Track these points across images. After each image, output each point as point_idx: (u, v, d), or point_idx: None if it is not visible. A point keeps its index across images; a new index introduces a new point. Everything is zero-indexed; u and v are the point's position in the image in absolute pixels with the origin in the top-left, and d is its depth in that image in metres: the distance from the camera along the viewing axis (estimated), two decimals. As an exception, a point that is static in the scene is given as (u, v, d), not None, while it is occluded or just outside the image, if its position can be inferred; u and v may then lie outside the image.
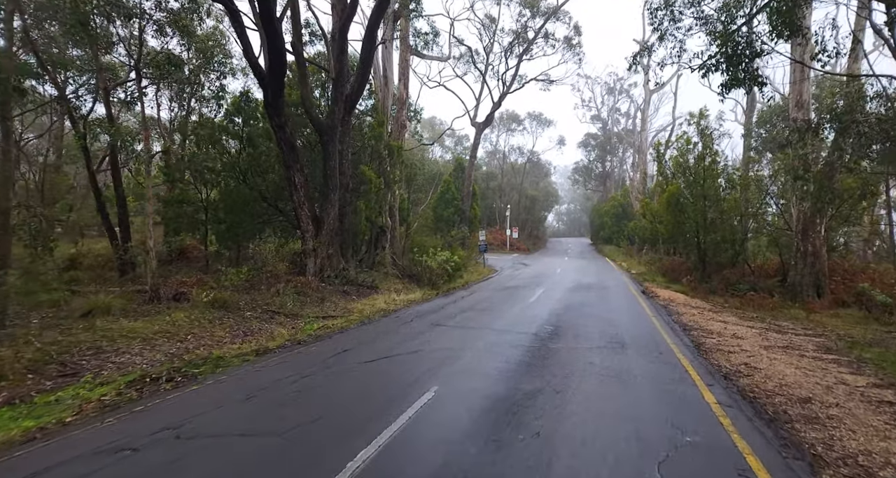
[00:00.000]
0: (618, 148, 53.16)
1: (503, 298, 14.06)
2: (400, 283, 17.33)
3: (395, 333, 8.74)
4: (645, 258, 28.31)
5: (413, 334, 8.58)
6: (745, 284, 17.20)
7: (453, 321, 9.96)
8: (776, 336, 10.45)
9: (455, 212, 26.22)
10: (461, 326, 9.30)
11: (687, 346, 8.35)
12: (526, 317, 10.41)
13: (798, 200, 16.80)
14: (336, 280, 14.66)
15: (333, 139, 14.41)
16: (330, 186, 14.65)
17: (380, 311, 11.73)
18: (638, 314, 11.80)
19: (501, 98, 27.14)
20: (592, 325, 9.79)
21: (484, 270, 23.72)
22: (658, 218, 21.22)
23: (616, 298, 14.65)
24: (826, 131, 12.50)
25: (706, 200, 18.90)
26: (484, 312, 11.12)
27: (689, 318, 12.18)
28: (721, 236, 18.18)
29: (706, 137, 19.28)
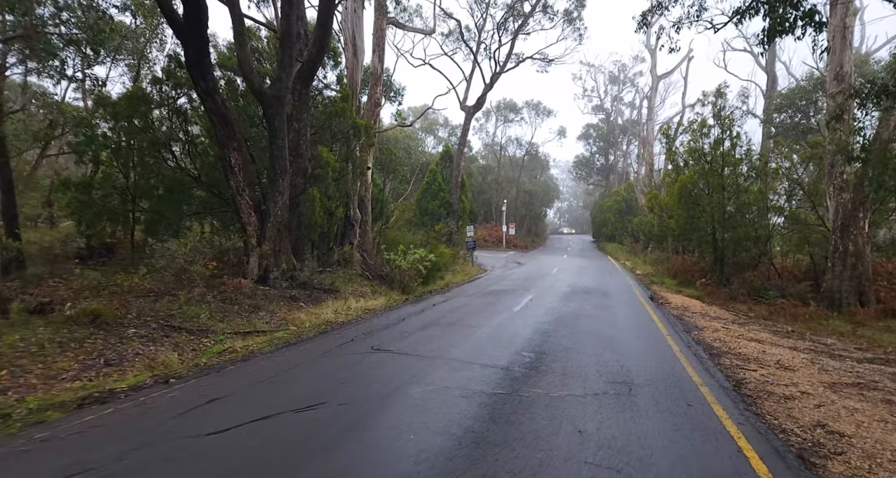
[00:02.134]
0: (621, 140, 50.41)
1: (482, 306, 11.56)
2: (368, 285, 14.86)
3: (314, 365, 6.26)
4: (651, 257, 25.76)
5: (337, 367, 6.10)
6: (773, 289, 14.65)
7: (403, 343, 7.47)
8: (833, 364, 7.93)
9: (441, 205, 23.71)
10: (409, 352, 6.81)
11: (724, 388, 5.83)
12: (502, 337, 7.91)
13: (836, 190, 14.23)
14: (284, 283, 12.19)
15: (280, 112, 11.91)
16: (277, 170, 12.17)
17: (323, 324, 9.29)
18: (647, 331, 9.29)
19: (494, 78, 24.52)
20: (588, 350, 7.28)
21: (472, 269, 21.23)
22: (668, 212, 18.67)
23: (619, 307, 12.13)
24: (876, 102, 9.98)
25: (725, 191, 16.36)
26: (449, 329, 8.62)
27: (713, 334, 9.67)
28: (742, 233, 15.63)
29: (724, 119, 16.69)
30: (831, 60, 14.44)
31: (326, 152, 13.16)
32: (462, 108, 24.81)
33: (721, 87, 16.80)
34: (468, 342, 7.48)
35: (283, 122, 12.06)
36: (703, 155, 16.93)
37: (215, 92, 10.62)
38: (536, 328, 8.67)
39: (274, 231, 12.20)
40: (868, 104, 9.10)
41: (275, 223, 12.19)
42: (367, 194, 17.32)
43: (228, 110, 11.26)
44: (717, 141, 16.87)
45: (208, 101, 10.65)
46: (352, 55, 16.25)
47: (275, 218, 12.17)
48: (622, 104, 49.68)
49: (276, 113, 11.86)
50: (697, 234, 16.70)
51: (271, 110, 11.87)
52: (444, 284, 16.39)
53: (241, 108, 12.92)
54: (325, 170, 12.90)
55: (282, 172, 12.23)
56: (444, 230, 22.43)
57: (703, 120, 17.09)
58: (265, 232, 12.16)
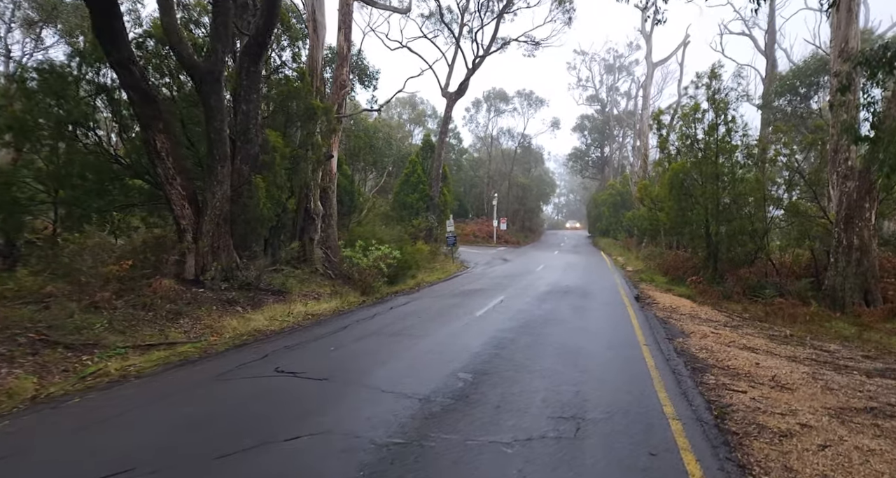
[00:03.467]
0: (617, 132, 48.93)
1: (443, 310, 10.30)
2: (329, 285, 13.58)
3: (185, 396, 4.99)
4: (644, 253, 24.47)
5: (210, 399, 4.84)
6: (770, 287, 13.37)
7: (322, 362, 6.22)
8: (839, 380, 6.66)
9: (421, 198, 22.36)
10: (320, 375, 5.53)
11: (702, 423, 4.56)
12: (445, 352, 6.64)
13: (840, 178, 12.92)
14: (222, 284, 10.90)
15: (217, 90, 10.58)
16: (216, 156, 10.87)
17: (248, 334, 8.05)
18: (623, 339, 8.01)
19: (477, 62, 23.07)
20: (544, 368, 6.01)
21: (451, 266, 19.95)
22: (659, 204, 17.36)
23: (598, 310, 10.86)
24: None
25: (719, 180, 15.04)
26: (388, 341, 7.37)
27: (700, 342, 8.41)
28: (737, 226, 14.34)
29: (719, 103, 15.34)
30: (835, 36, 13.08)
31: (275, 137, 11.84)
32: (444, 94, 23.43)
33: (715, 67, 15.45)
34: (400, 360, 6.21)
35: (221, 101, 10.74)
36: (695, 141, 15.61)
37: (131, 63, 9.29)
38: (491, 339, 7.39)
39: (212, 225, 10.90)
40: (879, 74, 7.79)
41: (213, 216, 10.89)
42: (331, 185, 16.00)
43: (150, 86, 9.96)
44: (711, 126, 15.53)
45: (124, 75, 9.32)
46: (312, 32, 14.89)
47: (213, 210, 10.87)
48: (618, 94, 48.28)
49: (211, 90, 10.52)
50: (689, 227, 15.41)
51: (206, 87, 10.52)
52: (415, 283, 15.13)
53: (179, 84, 11.61)
54: (271, 156, 11.57)
55: (221, 159, 10.92)
56: (423, 225, 21.10)
57: (695, 104, 15.74)
58: (201, 226, 10.89)
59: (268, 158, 11.65)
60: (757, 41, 28.07)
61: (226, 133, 10.97)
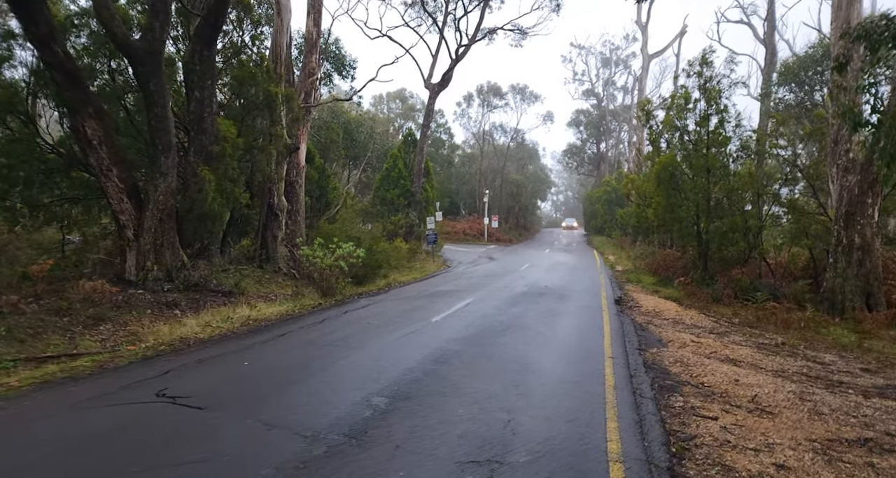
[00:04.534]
0: (614, 128, 47.82)
1: (400, 314, 9.42)
2: (291, 286, 12.72)
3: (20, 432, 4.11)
4: (635, 251, 23.52)
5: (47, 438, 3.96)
6: (764, 289, 12.43)
7: (227, 382, 5.35)
8: (830, 401, 5.74)
9: (402, 194, 21.40)
10: (212, 402, 4.64)
11: (651, 467, 3.64)
12: (374, 368, 5.75)
13: (840, 171, 11.96)
14: (166, 284, 10.05)
15: (156, 73, 9.68)
16: (159, 146, 10.01)
17: (170, 343, 7.20)
18: (587, 351, 7.09)
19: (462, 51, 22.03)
20: (478, 391, 5.11)
21: (431, 266, 19.06)
22: (647, 200, 16.41)
23: (570, 314, 9.94)
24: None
25: (710, 174, 14.08)
26: (319, 353, 6.50)
27: (677, 352, 7.50)
28: (729, 223, 13.38)
29: (711, 91, 14.37)
30: (836, 17, 12.09)
31: (227, 125, 10.94)
32: (426, 85, 22.48)
33: (706, 52, 14.45)
34: (314, 380, 5.30)
35: (162, 85, 9.83)
36: (685, 133, 14.64)
37: (52, 40, 8.39)
38: (434, 351, 6.48)
39: (154, 221, 10.02)
40: (881, 50, 6.83)
41: (155, 211, 10.01)
42: (297, 179, 15.13)
43: (77, 66, 9.07)
44: (702, 117, 14.55)
45: (45, 53, 8.45)
46: (276, 15, 13.98)
47: (155, 205, 9.99)
48: (614, 88, 47.17)
49: (150, 73, 9.63)
50: (678, 225, 14.46)
51: (144, 70, 9.64)
52: (386, 283, 14.26)
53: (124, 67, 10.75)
54: (221, 146, 10.68)
55: (164, 148, 10.03)
56: (402, 222, 20.18)
57: (685, 92, 14.76)
58: (143, 222, 10.03)
59: (217, 148, 10.75)
60: (756, 30, 27.02)
61: (170, 121, 10.09)
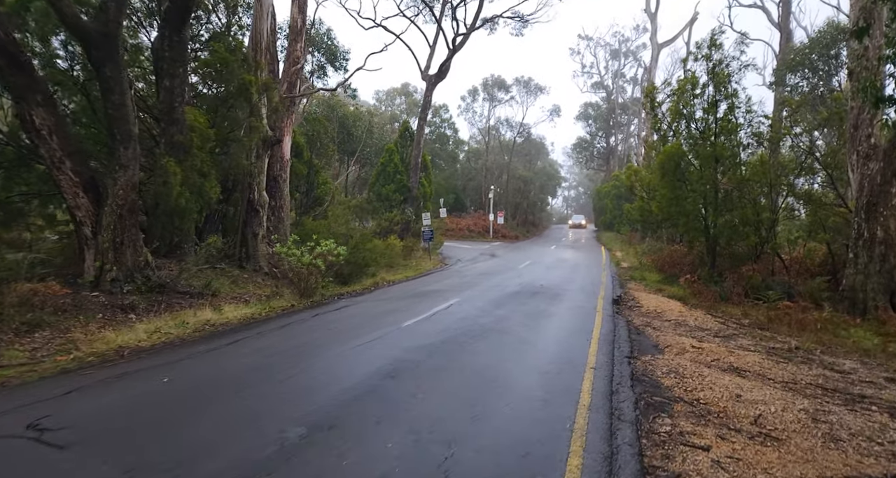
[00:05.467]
0: (623, 121, 46.47)
1: (372, 318, 8.72)
2: (271, 286, 12.11)
3: None
4: (643, 248, 22.49)
5: None
6: (777, 287, 11.44)
7: (126, 408, 4.64)
8: (849, 422, 4.84)
9: (398, 189, 20.66)
10: (85, 437, 3.92)
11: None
12: (311, 385, 5.05)
13: (861, 158, 10.91)
14: (126, 286, 9.45)
15: (112, 56, 9.04)
16: (117, 136, 9.42)
17: (102, 354, 6.53)
18: (567, 363, 6.26)
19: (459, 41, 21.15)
20: (421, 416, 4.35)
21: (427, 263, 18.32)
22: (651, 192, 15.44)
23: (559, 316, 9.10)
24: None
25: (718, 164, 13.08)
26: (258, 366, 5.81)
27: (673, 360, 6.63)
28: (740, 216, 12.39)
29: (719, 76, 13.35)
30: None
31: (196, 114, 10.28)
32: (423, 77, 21.69)
33: (715, 33, 13.43)
34: (231, 403, 4.57)
35: (119, 69, 9.19)
36: (692, 120, 13.64)
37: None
38: (389, 363, 5.71)
39: (113, 217, 9.41)
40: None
41: (114, 207, 9.41)
42: (281, 173, 14.48)
43: (19, 48, 8.47)
44: (710, 103, 13.55)
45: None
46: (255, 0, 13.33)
47: (114, 199, 9.39)
48: (624, 81, 45.80)
49: (105, 57, 9.00)
50: (684, 218, 13.48)
51: (98, 53, 9.01)
52: (373, 283, 13.55)
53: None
54: (188, 137, 10.04)
55: (123, 139, 9.42)
56: (398, 218, 19.45)
57: (691, 76, 13.75)
58: (103, 218, 9.43)
59: (184, 138, 10.11)
60: (770, 13, 25.71)
61: (129, 108, 9.45)
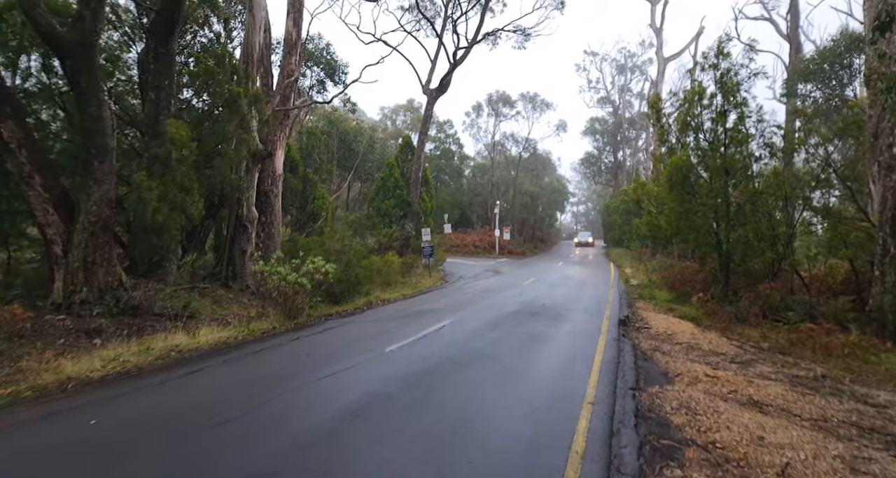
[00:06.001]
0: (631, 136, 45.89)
1: (358, 340, 8.11)
2: (257, 306, 11.52)
3: None
4: (653, 264, 21.65)
5: None
6: (797, 308, 10.60)
7: (21, 462, 4.00)
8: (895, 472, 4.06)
9: (397, 204, 20.13)
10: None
11: None
12: (259, 429, 4.40)
13: (883, 169, 10.15)
14: (97, 308, 8.92)
15: (89, 67, 8.70)
16: (92, 150, 9.02)
17: (44, 388, 5.96)
18: (561, 397, 5.54)
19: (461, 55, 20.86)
20: (368, 472, 3.65)
21: (426, 281, 17.67)
22: (660, 206, 14.73)
23: (559, 340, 8.37)
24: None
25: (729, 175, 12.38)
26: (207, 406, 5.19)
27: (685, 393, 5.88)
28: (753, 231, 11.62)
29: (727, 85, 12.74)
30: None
31: (177, 126, 9.85)
32: (425, 91, 21.37)
33: (722, 42, 12.88)
34: (135, 462, 3.93)
35: (96, 80, 8.83)
36: (698, 129, 13.00)
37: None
38: (358, 398, 5.05)
39: (84, 235, 8.95)
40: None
41: (86, 224, 8.96)
42: (273, 188, 14.02)
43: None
44: (719, 113, 12.91)
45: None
46: (248, 11, 13.09)
47: (87, 216, 8.95)
48: (631, 95, 45.35)
49: (81, 67, 8.66)
50: (695, 233, 12.73)
51: (73, 63, 8.68)
52: (366, 302, 12.92)
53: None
54: (167, 149, 9.59)
55: (99, 153, 9.01)
56: (397, 234, 18.87)
57: (698, 85, 13.15)
58: (75, 235, 8.97)
59: (162, 151, 9.66)
60: (778, 25, 25.20)
61: (106, 121, 9.05)
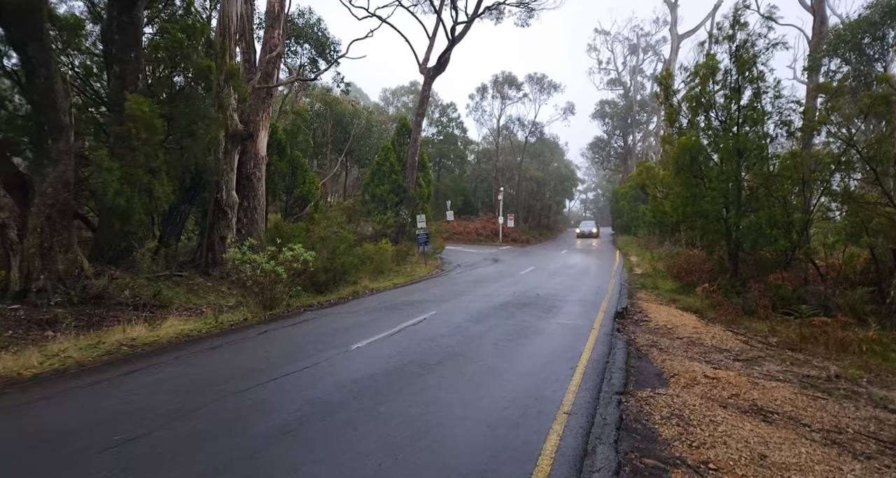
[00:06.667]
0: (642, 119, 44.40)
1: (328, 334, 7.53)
2: (237, 296, 10.94)
3: None
4: (660, 252, 20.77)
5: None
6: (811, 300, 9.78)
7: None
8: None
9: (392, 189, 19.34)
10: None
11: None
12: (152, 454, 3.76)
13: (913, 148, 9.21)
14: (56, 296, 8.41)
15: (35, 34, 8.03)
16: (45, 127, 8.43)
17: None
18: (537, 403, 4.88)
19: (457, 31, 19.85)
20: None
21: (422, 269, 17.02)
22: (664, 191, 13.84)
23: (546, 335, 7.68)
24: None
25: (742, 157, 11.46)
26: (105, 424, 4.62)
27: (679, 398, 5.18)
28: (766, 217, 10.74)
29: (743, 58, 11.74)
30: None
31: (139, 102, 9.14)
32: (422, 70, 20.44)
33: (739, 9, 11.82)
34: None
35: (45, 50, 8.18)
36: (709, 107, 12.05)
37: None
38: (303, 405, 4.44)
39: (40, 219, 8.41)
40: None
41: (42, 207, 8.40)
42: (255, 172, 13.37)
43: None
44: (733, 89, 11.94)
45: None
46: (224, -17, 12.29)
47: (42, 199, 8.39)
48: (643, 77, 43.80)
49: (26, 35, 8.01)
50: (702, 219, 11.87)
51: (17, 30, 8.03)
52: (352, 291, 12.32)
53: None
54: (126, 128, 8.93)
55: (53, 129, 8.40)
56: (391, 221, 18.16)
57: (710, 57, 12.16)
58: (31, 218, 8.43)
59: (121, 129, 8.99)
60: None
61: (58, 95, 8.40)
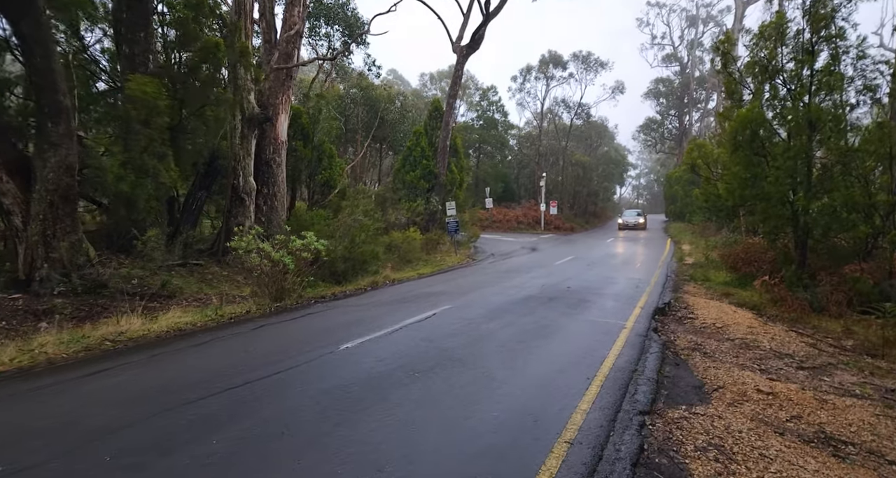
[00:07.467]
0: (700, 97, 41.02)
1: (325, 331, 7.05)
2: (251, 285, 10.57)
3: None
4: (716, 240, 18.89)
5: None
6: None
7: None
8: None
9: (423, 176, 18.51)
10: None
11: None
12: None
13: None
14: (59, 285, 8.27)
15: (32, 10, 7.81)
16: (45, 109, 8.23)
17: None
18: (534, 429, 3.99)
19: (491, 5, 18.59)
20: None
21: (451, 259, 16.23)
22: (721, 171, 12.22)
23: (567, 335, 6.69)
24: None
25: (815, 131, 9.78)
26: (39, 449, 4.06)
27: (724, 418, 4.14)
28: (843, 199, 9.10)
29: (819, 16, 9.96)
30: None
31: (142, 83, 8.79)
32: (454, 49, 19.38)
33: (810, -44, 10.02)
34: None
35: (41, 27, 7.97)
36: (776, 73, 10.37)
37: None
38: (253, 426, 3.75)
39: (42, 205, 8.27)
40: None
41: (44, 193, 8.26)
42: (275, 157, 12.97)
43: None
44: (806, 51, 10.21)
45: None
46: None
47: (44, 184, 8.24)
48: (702, 51, 40.33)
49: (19, 11, 7.80)
50: (764, 203, 10.29)
51: (10, 6, 7.81)
52: (371, 282, 11.74)
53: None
54: (125, 109, 8.60)
55: (52, 112, 8.21)
56: (420, 209, 17.39)
57: (780, 16, 10.44)
58: (33, 205, 8.29)
59: (119, 111, 8.68)
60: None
61: (58, 75, 8.18)
